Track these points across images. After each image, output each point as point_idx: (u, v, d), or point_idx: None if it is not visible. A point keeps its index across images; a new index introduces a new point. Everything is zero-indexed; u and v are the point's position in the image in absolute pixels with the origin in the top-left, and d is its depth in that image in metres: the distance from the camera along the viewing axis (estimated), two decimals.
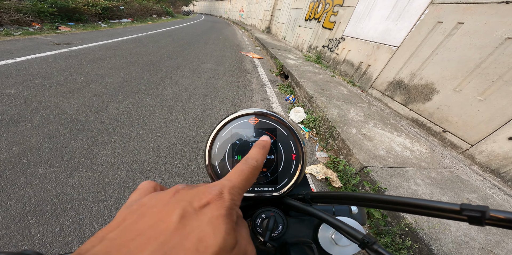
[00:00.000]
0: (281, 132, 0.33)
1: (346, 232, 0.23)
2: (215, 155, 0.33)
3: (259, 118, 0.33)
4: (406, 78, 3.06)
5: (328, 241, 0.31)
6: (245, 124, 0.33)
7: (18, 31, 4.54)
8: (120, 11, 10.02)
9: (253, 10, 19.76)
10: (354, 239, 0.22)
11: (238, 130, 0.33)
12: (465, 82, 2.31)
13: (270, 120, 0.33)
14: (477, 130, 2.12)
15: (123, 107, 2.27)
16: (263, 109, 0.33)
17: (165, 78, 3.32)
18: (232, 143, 0.33)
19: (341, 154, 1.99)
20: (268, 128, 0.33)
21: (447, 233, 1.18)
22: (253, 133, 0.33)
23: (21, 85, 2.30)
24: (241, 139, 0.33)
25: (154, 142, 1.83)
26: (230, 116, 0.33)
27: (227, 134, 0.33)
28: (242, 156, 0.32)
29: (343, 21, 5.06)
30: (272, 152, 0.33)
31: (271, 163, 0.33)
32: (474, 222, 0.14)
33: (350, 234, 0.22)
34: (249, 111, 0.33)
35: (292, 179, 0.33)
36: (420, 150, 2.07)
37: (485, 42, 2.19)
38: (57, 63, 3.11)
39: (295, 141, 0.32)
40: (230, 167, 0.33)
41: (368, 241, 0.20)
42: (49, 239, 1.04)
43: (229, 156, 0.33)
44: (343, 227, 0.23)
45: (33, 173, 1.34)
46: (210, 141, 0.33)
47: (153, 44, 5.68)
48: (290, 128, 0.33)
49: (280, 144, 0.32)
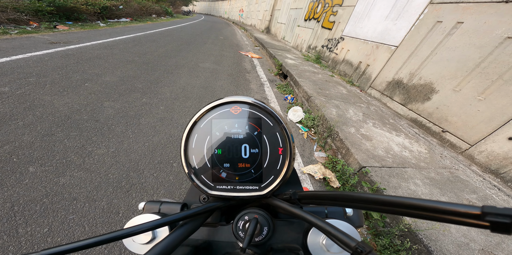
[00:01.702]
0: (267, 122, 0.29)
1: (337, 238, 0.19)
2: (192, 148, 0.29)
3: (241, 107, 0.29)
4: (405, 78, 3.04)
5: (318, 247, 0.27)
6: (226, 113, 0.29)
7: (15, 30, 4.51)
8: (119, 11, 9.99)
9: (252, 10, 19.77)
10: (346, 247, 0.18)
11: (218, 121, 0.29)
12: (464, 81, 2.29)
13: (254, 109, 0.29)
14: (477, 130, 2.10)
15: (118, 106, 2.23)
16: (247, 97, 0.30)
17: (163, 77, 3.29)
18: (212, 135, 0.29)
19: (339, 154, 1.96)
20: (252, 118, 0.29)
21: (447, 235, 1.16)
22: (235, 123, 0.29)
23: (15, 83, 2.26)
24: (222, 131, 0.29)
25: (149, 141, 1.80)
26: (209, 105, 0.30)
27: (206, 125, 0.30)
28: (222, 150, 0.29)
29: (342, 21, 5.04)
30: (257, 145, 0.29)
31: (255, 158, 0.29)
32: (500, 229, 0.11)
33: (342, 241, 0.19)
34: (230, 99, 0.29)
35: (279, 177, 0.29)
36: (419, 150, 2.05)
37: (485, 42, 2.18)
38: (53, 61, 3.08)
39: (282, 133, 0.29)
40: (208, 162, 0.29)
41: (362, 251, 0.17)
42: (36, 240, 1.01)
43: (208, 149, 0.29)
44: (333, 232, 0.20)
45: (23, 172, 1.31)
46: (187, 133, 0.29)
47: (151, 43, 5.65)
48: (276, 118, 0.29)
49: (265, 136, 0.29)
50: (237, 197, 0.29)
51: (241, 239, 0.27)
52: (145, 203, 0.32)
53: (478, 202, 1.46)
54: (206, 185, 0.29)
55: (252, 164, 0.29)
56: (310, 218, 0.22)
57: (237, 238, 0.27)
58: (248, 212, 0.28)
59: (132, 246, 0.28)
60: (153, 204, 0.31)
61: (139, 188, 1.37)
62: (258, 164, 0.29)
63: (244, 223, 0.27)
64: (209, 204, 0.28)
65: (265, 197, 0.29)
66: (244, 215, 0.28)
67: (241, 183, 0.29)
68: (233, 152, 0.29)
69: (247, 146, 0.29)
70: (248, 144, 0.29)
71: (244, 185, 0.29)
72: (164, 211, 0.31)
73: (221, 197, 0.29)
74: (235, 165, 0.29)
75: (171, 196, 1.37)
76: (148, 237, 0.28)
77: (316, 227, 0.22)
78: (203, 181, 0.29)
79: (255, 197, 0.29)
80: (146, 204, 0.31)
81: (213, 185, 0.29)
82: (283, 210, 0.27)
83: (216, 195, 0.29)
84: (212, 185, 0.29)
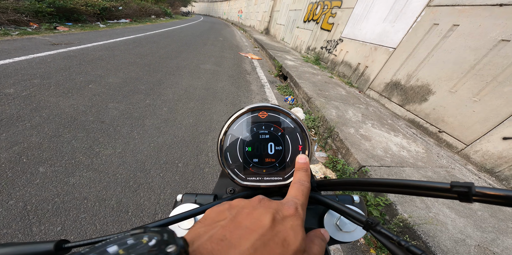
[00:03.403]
0: (288, 125, 0.35)
1: (351, 216, 0.25)
2: (227, 146, 0.35)
3: (268, 113, 0.35)
4: (403, 79, 3.11)
5: (333, 227, 0.33)
6: (255, 118, 0.35)
7: (16, 31, 4.51)
8: (119, 12, 9.99)
9: (251, 11, 19.84)
10: (359, 222, 0.23)
11: (248, 123, 0.35)
12: (460, 83, 2.35)
13: (277, 114, 0.35)
14: (472, 130, 2.16)
15: (123, 107, 2.27)
16: (272, 104, 0.36)
17: (165, 79, 3.33)
18: (243, 135, 0.35)
19: (339, 154, 2.01)
20: (276, 122, 0.35)
21: (444, 231, 1.21)
22: (262, 126, 0.35)
23: (20, 85, 2.29)
24: (252, 132, 0.35)
25: (154, 142, 1.83)
26: (241, 110, 0.36)
27: (238, 127, 0.35)
28: (252, 148, 0.35)
29: (341, 23, 5.11)
30: (280, 143, 0.35)
31: (279, 154, 0.35)
32: (463, 198, 0.16)
33: (355, 218, 0.24)
34: (258, 105, 0.35)
35: None
36: (417, 150, 2.11)
37: (480, 44, 2.24)
38: (56, 63, 3.11)
39: (302, 133, 0.35)
40: (240, 157, 0.35)
41: (372, 222, 0.22)
42: (50, 238, 1.04)
43: (240, 147, 0.35)
44: (348, 211, 0.25)
45: (33, 172, 1.34)
46: (223, 133, 0.35)
47: (152, 44, 5.68)
48: (296, 121, 0.35)
49: (287, 136, 0.35)
50: (265, 186, 0.35)
51: None
52: (182, 195, 0.38)
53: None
54: (238, 177, 0.35)
55: (277, 159, 0.35)
56: (329, 201, 0.28)
57: None
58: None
59: (177, 231, 0.33)
60: (189, 196, 0.37)
61: (147, 188, 1.41)
62: (282, 159, 0.35)
63: None
64: (241, 193, 0.34)
65: (287, 186, 0.34)
66: None
67: (267, 175, 0.35)
68: (261, 149, 0.35)
69: (273, 144, 0.35)
70: (273, 142, 0.35)
71: (270, 177, 0.35)
72: (200, 202, 0.37)
73: (251, 187, 0.35)
74: (262, 160, 0.35)
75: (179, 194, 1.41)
76: (191, 223, 0.33)
77: (333, 208, 0.27)
78: (236, 174, 0.35)
79: (279, 185, 0.34)
80: (184, 195, 0.37)
81: (244, 177, 0.35)
82: None
83: (247, 185, 0.34)
84: (243, 177, 0.35)
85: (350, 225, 0.32)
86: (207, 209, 0.28)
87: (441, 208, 1.38)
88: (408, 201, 1.39)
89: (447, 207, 1.39)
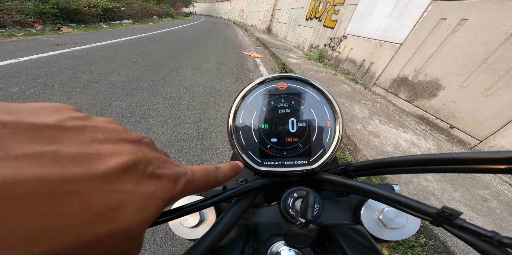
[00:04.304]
0: (313, 97, 0.29)
1: (414, 208, 0.17)
2: (239, 123, 0.29)
3: (288, 83, 0.30)
4: (410, 75, 3.03)
5: (375, 223, 0.27)
6: (273, 89, 0.30)
7: (21, 32, 4.56)
8: (121, 12, 10.07)
9: (253, 10, 19.84)
10: (426, 216, 0.17)
11: (265, 96, 0.30)
12: (471, 77, 2.28)
13: (300, 84, 0.30)
14: (486, 125, 2.09)
15: (126, 105, 2.25)
16: (292, 74, 0.30)
17: (168, 77, 3.31)
18: (259, 110, 0.29)
19: (347, 151, 1.96)
20: (298, 93, 0.30)
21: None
22: (281, 99, 0.29)
23: (24, 84, 2.29)
24: (269, 106, 0.29)
25: (157, 139, 1.81)
26: (256, 81, 0.30)
27: (252, 101, 0.30)
28: (270, 125, 0.29)
29: (344, 20, 5.05)
30: (304, 119, 0.29)
31: (303, 131, 0.29)
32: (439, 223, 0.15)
33: (420, 210, 0.17)
34: (276, 75, 0.30)
35: (329, 150, 0.28)
36: (428, 146, 2.04)
37: (490, 38, 2.17)
38: (60, 62, 3.11)
39: (330, 106, 0.29)
40: (256, 137, 0.29)
41: (450, 214, 0.15)
42: None
43: (255, 124, 0.29)
44: (411, 203, 0.18)
45: None
46: (235, 108, 0.30)
47: (154, 44, 5.69)
48: (323, 92, 0.29)
49: (312, 110, 0.29)
50: (287, 172, 0.28)
51: (290, 217, 0.26)
52: None
53: (491, 198, 1.45)
54: (254, 161, 0.29)
55: (300, 138, 0.29)
56: (374, 189, 0.21)
57: (285, 217, 0.27)
58: (296, 189, 0.27)
59: (179, 229, 0.28)
60: None
61: None
62: (307, 138, 0.29)
63: (294, 201, 0.27)
64: (257, 181, 0.27)
65: (314, 172, 0.28)
66: (292, 192, 0.27)
67: (289, 158, 0.29)
68: (280, 126, 0.29)
69: (294, 120, 0.29)
70: (295, 118, 0.29)
71: (293, 160, 0.29)
72: (206, 194, 0.31)
73: (270, 173, 0.28)
74: (282, 140, 0.29)
75: None
76: (196, 219, 0.28)
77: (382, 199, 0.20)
78: (250, 158, 0.29)
79: (306, 171, 0.28)
80: None
81: (261, 161, 0.29)
82: (335, 185, 0.26)
83: (264, 171, 0.28)
84: (259, 161, 0.29)
85: (398, 220, 0.25)
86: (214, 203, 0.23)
87: (457, 206, 1.32)
88: (420, 193, 1.33)
89: (464, 205, 1.33)
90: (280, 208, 0.27)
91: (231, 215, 0.23)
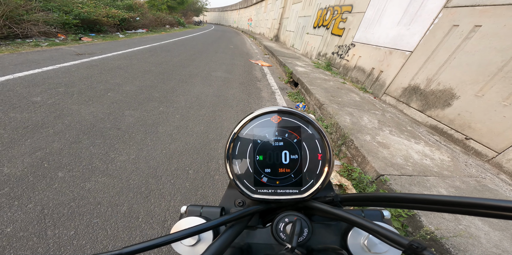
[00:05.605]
0: (306, 130, 0.31)
1: (388, 237, 0.19)
2: (236, 154, 0.31)
3: (282, 116, 0.31)
4: (422, 84, 2.96)
5: (359, 248, 0.28)
6: (267, 122, 0.31)
7: (46, 42, 4.92)
8: (136, 22, 10.65)
9: (261, 19, 20.32)
10: (398, 245, 0.18)
11: (260, 129, 0.31)
12: (487, 86, 2.19)
13: (293, 118, 0.31)
14: (504, 137, 1.98)
15: (138, 114, 2.34)
16: (287, 107, 0.32)
17: (178, 86, 3.43)
18: (253, 142, 0.31)
19: (355, 162, 1.91)
20: (292, 127, 0.31)
21: (477, 245, 1.08)
22: (275, 132, 0.31)
23: (46, 93, 2.45)
24: (263, 138, 0.31)
25: (166, 149, 1.86)
26: (252, 115, 0.32)
27: (248, 133, 0.32)
28: (264, 157, 0.31)
29: (352, 27, 5.05)
30: (296, 151, 0.31)
31: (295, 163, 0.31)
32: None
33: (393, 240, 0.19)
34: (271, 109, 0.31)
35: (319, 181, 0.30)
36: (442, 158, 1.95)
37: (506, 45, 2.09)
38: (79, 72, 3.32)
39: (322, 140, 0.30)
40: (251, 167, 0.31)
41: (418, 247, 0.17)
42: (63, 242, 1.06)
43: (250, 156, 0.31)
44: (384, 232, 0.20)
45: (53, 177, 1.39)
46: (231, 140, 0.32)
47: (166, 53, 5.94)
48: (315, 126, 0.31)
49: (304, 143, 0.31)
50: (279, 200, 0.30)
51: (281, 240, 0.28)
52: (187, 206, 0.34)
53: None
54: (248, 189, 0.31)
55: (292, 169, 0.31)
56: (356, 219, 0.23)
57: (277, 240, 0.28)
58: (287, 215, 0.29)
59: (179, 247, 0.30)
60: (195, 208, 0.33)
61: (157, 194, 1.41)
62: (298, 169, 0.31)
63: (285, 225, 0.28)
64: (252, 207, 0.29)
65: (305, 200, 0.30)
66: (284, 217, 0.29)
67: (281, 187, 0.31)
68: (274, 158, 0.31)
69: (287, 153, 0.31)
70: (288, 150, 0.31)
71: (285, 189, 0.31)
72: (206, 215, 0.33)
73: (263, 200, 0.30)
74: (276, 170, 0.31)
75: (189, 202, 1.39)
76: (195, 239, 0.30)
77: (363, 228, 0.22)
78: (245, 186, 0.31)
79: (296, 199, 0.30)
80: (188, 207, 0.34)
81: (255, 189, 0.31)
82: (323, 212, 0.28)
83: (258, 198, 0.30)
84: (254, 189, 0.31)
85: (381, 246, 0.27)
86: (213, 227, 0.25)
87: (472, 220, 1.25)
88: (434, 212, 1.27)
89: (479, 219, 1.25)
90: (272, 232, 0.29)
91: (225, 237, 0.25)
